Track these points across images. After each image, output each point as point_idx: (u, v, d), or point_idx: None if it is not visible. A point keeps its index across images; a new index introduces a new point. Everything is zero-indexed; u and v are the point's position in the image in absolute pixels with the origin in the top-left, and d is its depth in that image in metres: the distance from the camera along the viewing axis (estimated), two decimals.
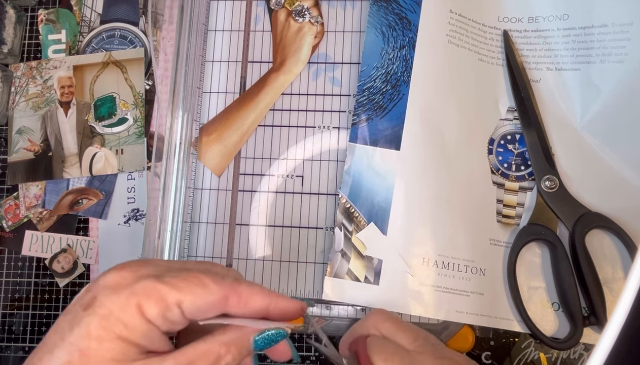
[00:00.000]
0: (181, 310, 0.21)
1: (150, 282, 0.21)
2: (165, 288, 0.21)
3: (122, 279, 0.21)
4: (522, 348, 0.40)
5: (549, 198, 0.39)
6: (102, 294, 0.21)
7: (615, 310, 0.16)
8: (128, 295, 0.21)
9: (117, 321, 0.20)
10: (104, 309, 0.20)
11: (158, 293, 0.21)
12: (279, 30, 0.45)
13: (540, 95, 0.41)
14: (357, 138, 0.41)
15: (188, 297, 0.21)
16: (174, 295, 0.21)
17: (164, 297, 0.21)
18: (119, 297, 0.21)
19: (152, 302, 0.21)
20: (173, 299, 0.21)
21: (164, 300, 0.21)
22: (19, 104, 0.46)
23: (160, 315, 0.21)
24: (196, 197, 0.43)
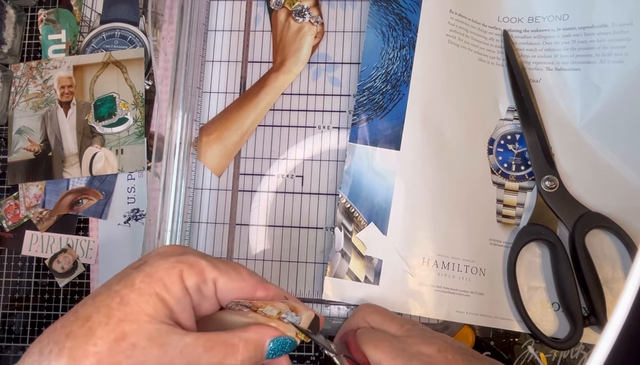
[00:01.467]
0: (215, 288, 0.24)
1: (196, 256, 0.24)
2: (207, 264, 0.24)
3: (172, 250, 0.25)
4: (522, 348, 0.40)
5: (549, 198, 0.39)
6: (152, 258, 0.24)
7: (615, 310, 0.16)
8: (174, 262, 0.23)
9: (159, 280, 0.23)
10: (151, 268, 0.23)
11: (200, 266, 0.24)
12: (279, 30, 0.45)
13: (540, 95, 0.41)
14: (357, 138, 0.41)
15: (224, 277, 0.24)
16: (213, 272, 0.24)
17: (203, 271, 0.24)
18: (166, 261, 0.23)
19: (193, 272, 0.23)
20: (211, 275, 0.24)
21: (203, 274, 0.24)
22: (19, 104, 0.46)
23: (196, 286, 0.23)
24: (196, 197, 0.43)
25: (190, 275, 0.23)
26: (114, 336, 0.21)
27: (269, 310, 0.26)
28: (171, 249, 0.25)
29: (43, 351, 0.22)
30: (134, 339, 0.21)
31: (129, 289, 0.22)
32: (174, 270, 0.23)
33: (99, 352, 0.21)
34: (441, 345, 0.29)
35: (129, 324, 0.22)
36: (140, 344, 0.21)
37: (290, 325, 0.26)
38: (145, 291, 0.22)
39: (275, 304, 0.26)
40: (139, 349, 0.21)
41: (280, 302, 0.27)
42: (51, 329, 0.22)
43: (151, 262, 0.24)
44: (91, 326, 0.22)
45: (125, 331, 0.21)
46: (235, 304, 0.25)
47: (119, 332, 0.21)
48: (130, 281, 0.23)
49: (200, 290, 0.24)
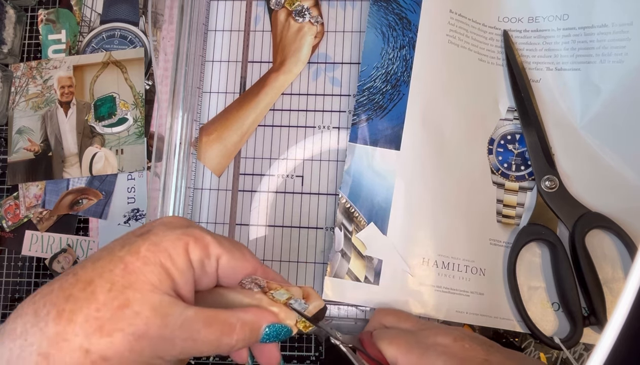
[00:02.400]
0: (217, 264, 0.24)
1: (201, 231, 0.24)
2: (212, 240, 0.24)
3: (178, 221, 0.25)
4: (522, 348, 0.40)
5: (549, 198, 0.39)
6: (157, 227, 0.24)
7: (615, 310, 0.16)
8: (179, 234, 0.23)
9: (164, 250, 0.23)
10: (156, 238, 0.23)
11: (205, 241, 0.24)
12: (279, 30, 0.45)
13: (540, 95, 0.41)
14: (357, 138, 0.41)
15: (227, 255, 0.24)
16: (217, 249, 0.24)
17: (208, 246, 0.24)
18: (172, 232, 0.23)
19: (198, 246, 0.23)
20: (215, 251, 0.24)
21: (208, 249, 0.24)
22: (19, 104, 0.46)
23: (200, 260, 0.23)
24: (196, 197, 0.43)
25: (195, 249, 0.23)
26: (118, 303, 0.21)
27: (280, 294, 0.26)
28: (176, 220, 0.25)
29: (39, 312, 0.21)
30: (137, 308, 0.21)
31: (134, 257, 0.22)
32: (180, 242, 0.23)
33: (101, 318, 0.21)
34: (457, 335, 0.29)
35: (133, 292, 0.21)
36: (143, 312, 0.21)
37: (292, 313, 0.26)
38: (151, 260, 0.22)
39: (289, 289, 0.26)
40: (141, 318, 0.21)
41: (295, 287, 0.27)
42: (46, 289, 0.22)
43: (156, 231, 0.23)
44: (94, 290, 0.21)
45: (129, 299, 0.21)
46: (250, 281, 0.25)
47: (123, 299, 0.21)
48: (135, 248, 0.22)
49: (203, 265, 0.24)
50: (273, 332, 0.25)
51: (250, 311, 0.24)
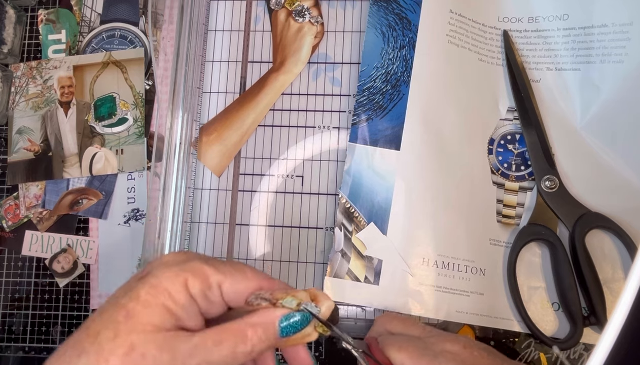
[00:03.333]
0: (221, 291, 0.24)
1: (199, 263, 0.24)
2: (211, 269, 0.24)
3: (175, 258, 0.25)
4: (522, 348, 0.40)
5: (549, 198, 0.39)
6: (156, 268, 0.24)
7: (615, 310, 0.16)
8: (177, 271, 0.23)
9: (164, 290, 0.23)
10: (155, 279, 0.23)
11: (203, 273, 0.24)
12: (279, 30, 0.45)
13: (540, 95, 0.41)
14: (357, 138, 0.41)
15: (228, 280, 0.24)
16: (217, 277, 0.24)
17: (207, 276, 0.24)
18: (170, 271, 0.23)
19: (197, 279, 0.23)
20: (215, 279, 0.24)
21: (207, 279, 0.24)
22: (19, 104, 0.46)
23: (202, 292, 0.24)
24: (196, 197, 0.43)
25: (195, 282, 0.23)
26: (123, 350, 0.22)
27: (289, 302, 0.25)
28: (174, 257, 0.25)
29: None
30: (142, 350, 0.22)
31: (135, 302, 0.23)
32: (178, 279, 0.23)
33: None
34: (466, 342, 0.29)
35: (137, 335, 0.22)
36: (149, 353, 0.22)
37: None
38: (152, 302, 0.23)
39: (295, 294, 0.26)
40: (149, 358, 0.22)
41: (301, 291, 0.26)
42: (62, 349, 0.22)
43: (155, 273, 0.24)
44: (100, 342, 0.22)
45: (133, 343, 0.22)
46: (255, 297, 0.25)
47: (128, 345, 0.22)
48: (135, 294, 0.23)
49: (206, 296, 0.24)
50: (291, 324, 0.24)
51: (257, 312, 0.24)
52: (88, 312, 0.44)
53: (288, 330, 0.24)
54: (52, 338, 0.44)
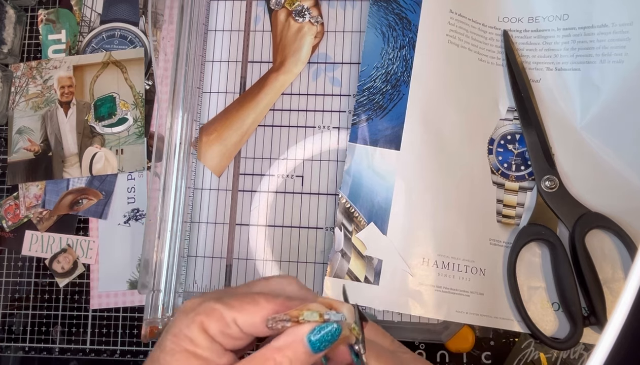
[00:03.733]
0: (238, 326, 0.24)
1: (211, 303, 0.24)
2: (223, 307, 0.24)
3: (192, 304, 0.25)
4: (522, 348, 0.40)
5: (549, 198, 0.39)
6: (176, 317, 0.25)
7: (615, 310, 0.16)
8: (193, 316, 0.24)
9: (184, 337, 0.24)
10: (176, 329, 0.24)
11: (217, 312, 0.24)
12: (279, 30, 0.45)
13: (540, 95, 0.41)
14: (357, 138, 0.41)
15: (241, 314, 0.24)
16: (230, 313, 0.24)
17: (222, 315, 0.24)
18: (186, 317, 0.24)
19: (212, 320, 0.24)
20: (229, 316, 0.24)
21: (223, 318, 0.24)
22: (19, 104, 0.46)
23: (220, 331, 0.24)
24: (196, 197, 0.43)
25: (210, 323, 0.24)
26: None
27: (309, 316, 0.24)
28: (191, 302, 0.26)
29: None
30: None
31: (163, 353, 0.24)
32: (194, 324, 0.24)
33: None
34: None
35: None
36: None
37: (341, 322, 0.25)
38: (176, 350, 0.24)
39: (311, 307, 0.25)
40: None
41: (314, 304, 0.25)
42: None
43: (175, 322, 0.25)
44: None
45: None
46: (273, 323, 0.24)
47: None
48: (162, 345, 0.24)
49: (226, 334, 0.24)
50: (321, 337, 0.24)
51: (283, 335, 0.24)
52: (88, 312, 0.44)
53: (319, 344, 0.24)
54: (52, 338, 0.44)
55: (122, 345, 0.43)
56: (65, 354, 0.43)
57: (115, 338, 0.43)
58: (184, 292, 0.42)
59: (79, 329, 0.43)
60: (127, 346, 0.43)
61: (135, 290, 0.43)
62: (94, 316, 0.43)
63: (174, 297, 0.40)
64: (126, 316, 0.43)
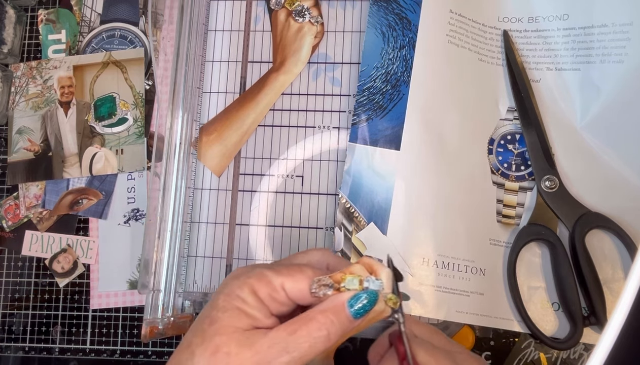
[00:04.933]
0: (285, 292, 0.26)
1: (261, 269, 0.27)
2: (272, 274, 0.26)
3: (243, 270, 0.28)
4: (522, 348, 0.40)
5: (549, 198, 0.39)
6: (228, 281, 0.27)
7: (615, 310, 0.16)
8: (244, 279, 0.26)
9: (236, 297, 0.26)
10: (228, 289, 0.26)
11: (266, 278, 0.26)
12: (279, 30, 0.45)
13: (540, 95, 0.41)
14: (357, 138, 0.41)
15: (289, 280, 0.26)
16: (278, 279, 0.26)
17: (270, 281, 0.26)
18: (238, 280, 0.27)
19: (262, 284, 0.26)
20: (277, 282, 0.26)
21: (271, 283, 0.26)
22: (19, 104, 0.46)
23: (268, 295, 0.26)
24: (196, 197, 0.43)
25: (260, 287, 0.26)
26: (210, 351, 0.25)
27: (350, 283, 0.26)
28: (241, 269, 0.28)
29: None
30: (226, 349, 0.24)
31: (215, 310, 0.26)
32: (245, 286, 0.26)
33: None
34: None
35: (219, 337, 0.25)
36: (232, 351, 0.24)
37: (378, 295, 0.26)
38: (227, 307, 0.26)
39: (353, 271, 0.26)
40: (233, 356, 0.24)
41: (355, 265, 0.27)
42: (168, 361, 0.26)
43: (227, 283, 0.27)
44: (192, 349, 0.25)
45: (217, 344, 0.25)
46: (317, 286, 0.26)
47: (213, 346, 0.25)
48: (214, 303, 0.26)
49: (274, 298, 0.26)
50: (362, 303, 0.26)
51: (326, 301, 0.26)
52: (88, 312, 0.44)
53: (359, 310, 0.26)
54: (52, 338, 0.44)
55: (122, 345, 0.43)
56: (65, 354, 0.43)
57: (115, 338, 0.43)
58: (184, 292, 0.42)
59: (79, 329, 0.43)
60: (127, 346, 0.43)
61: (135, 290, 0.43)
62: (94, 316, 0.43)
63: (174, 297, 0.40)
64: (126, 316, 0.43)
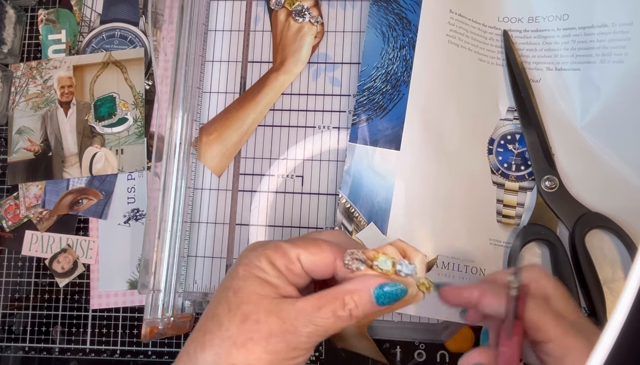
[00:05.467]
0: (301, 264, 0.27)
1: (278, 242, 0.28)
2: (288, 245, 0.27)
3: (257, 243, 0.29)
4: None
5: (549, 198, 0.39)
6: (245, 253, 0.28)
7: (615, 310, 0.16)
8: (261, 250, 0.27)
9: (255, 266, 0.27)
10: (246, 260, 0.27)
11: (283, 249, 0.27)
12: (279, 30, 0.45)
13: (540, 95, 0.41)
14: (357, 138, 0.41)
15: (305, 252, 0.27)
16: (294, 251, 0.27)
17: (287, 252, 0.27)
18: (256, 252, 0.27)
19: (278, 255, 0.27)
20: (294, 253, 0.27)
21: (287, 254, 0.27)
22: (19, 104, 0.46)
23: (285, 266, 0.27)
24: (196, 197, 0.43)
25: (276, 257, 0.27)
26: (238, 319, 0.25)
27: (383, 263, 0.26)
28: (257, 243, 0.29)
29: (189, 351, 0.26)
30: (255, 316, 0.25)
31: (237, 280, 0.27)
32: (263, 256, 0.27)
33: (231, 336, 0.25)
34: None
35: (246, 305, 0.26)
36: (261, 318, 0.25)
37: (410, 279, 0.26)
38: (248, 276, 0.26)
39: (387, 252, 0.27)
40: (262, 323, 0.25)
41: (387, 246, 0.27)
42: (192, 334, 0.27)
43: (245, 255, 0.28)
44: (219, 319, 0.26)
45: (245, 312, 0.25)
46: (350, 259, 0.26)
47: (241, 314, 0.25)
48: (235, 274, 0.27)
49: (290, 269, 0.27)
50: (385, 293, 0.26)
51: (354, 280, 0.26)
52: (88, 312, 0.44)
53: (383, 299, 0.26)
54: (52, 338, 0.44)
55: (122, 345, 0.43)
56: (65, 354, 0.43)
57: (115, 338, 0.43)
58: (184, 292, 0.42)
59: (79, 329, 0.43)
60: (127, 346, 0.43)
61: (135, 290, 0.43)
62: (94, 316, 0.44)
63: (174, 297, 0.40)
64: (126, 316, 0.43)
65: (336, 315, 0.26)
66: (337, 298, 0.26)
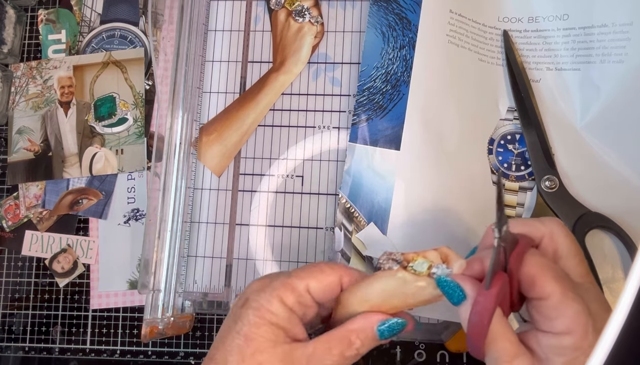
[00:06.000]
0: (310, 294, 0.27)
1: (283, 278, 0.28)
2: (295, 280, 0.27)
3: (263, 282, 0.28)
4: None
5: (549, 198, 0.39)
6: (251, 296, 0.28)
7: (615, 310, 0.16)
8: (270, 291, 0.27)
9: (266, 311, 0.26)
10: (256, 304, 0.27)
11: (290, 285, 0.27)
12: (279, 30, 0.45)
13: (540, 95, 0.41)
14: (357, 138, 0.41)
15: (312, 281, 0.27)
16: (302, 283, 0.27)
17: (295, 287, 0.27)
18: (265, 293, 0.27)
19: (288, 292, 0.27)
20: (302, 286, 0.27)
21: (296, 289, 0.27)
22: (19, 104, 0.46)
23: (296, 301, 0.27)
24: (196, 197, 0.43)
25: (287, 295, 0.27)
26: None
27: (419, 265, 0.26)
28: (260, 282, 0.29)
29: None
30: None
31: (248, 326, 0.26)
32: (274, 298, 0.27)
33: None
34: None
35: (260, 354, 0.26)
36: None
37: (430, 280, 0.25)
38: (260, 323, 0.26)
39: (427, 255, 0.26)
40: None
41: (431, 251, 0.27)
42: None
43: (253, 298, 0.27)
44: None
45: (260, 362, 0.25)
46: (385, 259, 0.26)
47: (256, 364, 0.25)
48: (245, 320, 0.27)
49: (301, 303, 0.27)
50: (386, 329, 0.27)
51: (358, 319, 0.27)
52: (88, 312, 0.44)
53: (387, 334, 0.27)
54: (52, 338, 0.44)
55: (122, 345, 0.43)
56: (65, 354, 0.43)
57: (115, 338, 0.43)
58: (184, 292, 0.42)
59: (79, 329, 0.43)
60: (127, 346, 0.43)
61: (135, 290, 0.43)
62: (94, 316, 0.44)
63: (174, 297, 0.40)
64: (126, 316, 0.43)
65: (344, 356, 0.26)
66: (344, 338, 0.27)
